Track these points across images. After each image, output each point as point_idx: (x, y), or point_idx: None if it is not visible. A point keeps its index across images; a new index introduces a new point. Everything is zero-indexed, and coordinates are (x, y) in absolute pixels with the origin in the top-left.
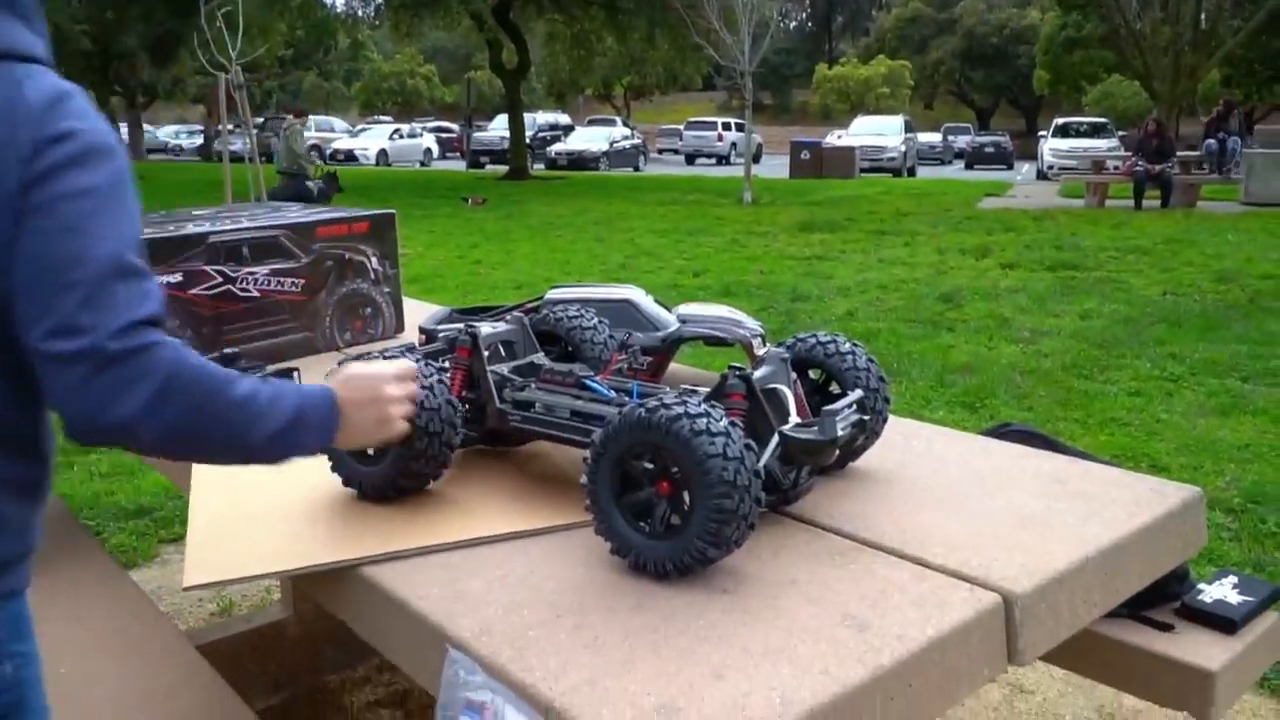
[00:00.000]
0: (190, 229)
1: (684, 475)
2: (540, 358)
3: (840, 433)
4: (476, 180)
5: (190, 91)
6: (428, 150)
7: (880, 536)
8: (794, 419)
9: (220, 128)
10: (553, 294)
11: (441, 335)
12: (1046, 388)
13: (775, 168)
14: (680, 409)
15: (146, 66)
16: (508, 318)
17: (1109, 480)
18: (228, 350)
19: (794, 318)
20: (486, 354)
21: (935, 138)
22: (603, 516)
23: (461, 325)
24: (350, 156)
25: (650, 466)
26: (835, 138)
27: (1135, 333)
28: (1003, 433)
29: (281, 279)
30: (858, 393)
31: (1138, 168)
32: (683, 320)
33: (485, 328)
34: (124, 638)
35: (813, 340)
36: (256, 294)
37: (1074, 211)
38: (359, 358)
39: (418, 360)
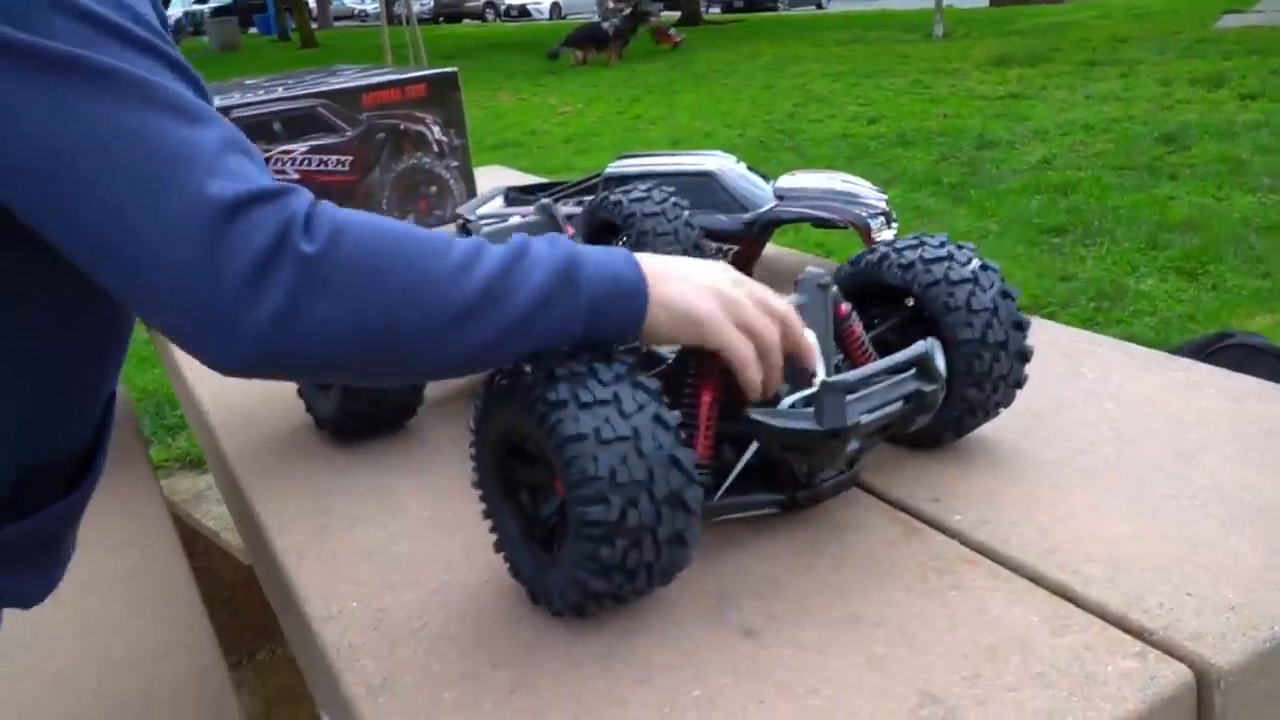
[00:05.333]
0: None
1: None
2: None
3: (857, 419)
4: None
5: None
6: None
7: (1004, 541)
8: (820, 377)
9: None
10: (613, 168)
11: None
12: None
13: None
14: (543, 370)
15: None
16: (534, 209)
17: None
18: None
19: (977, 168)
20: None
21: None
22: (500, 532)
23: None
24: (523, 12)
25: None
26: None
27: None
28: (1217, 349)
29: (324, 157)
30: (925, 343)
31: None
32: (780, 196)
33: (496, 224)
34: (133, 585)
35: (883, 250)
36: (295, 176)
37: None
38: None
39: None
